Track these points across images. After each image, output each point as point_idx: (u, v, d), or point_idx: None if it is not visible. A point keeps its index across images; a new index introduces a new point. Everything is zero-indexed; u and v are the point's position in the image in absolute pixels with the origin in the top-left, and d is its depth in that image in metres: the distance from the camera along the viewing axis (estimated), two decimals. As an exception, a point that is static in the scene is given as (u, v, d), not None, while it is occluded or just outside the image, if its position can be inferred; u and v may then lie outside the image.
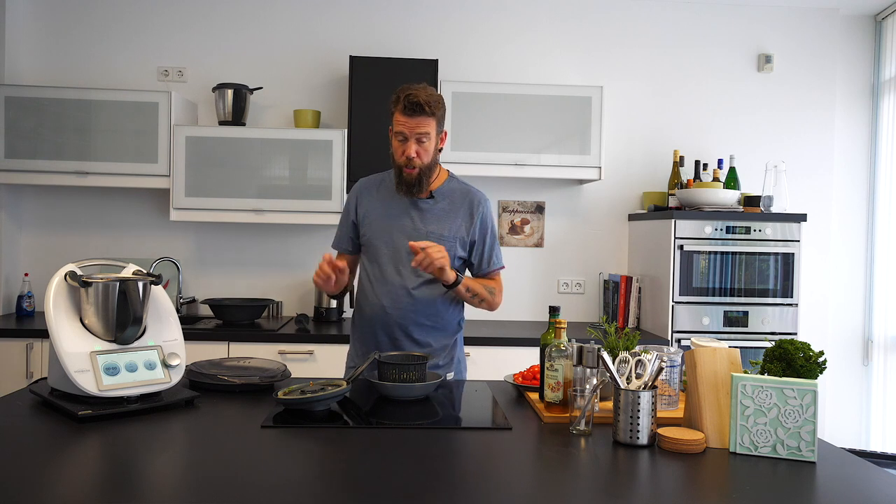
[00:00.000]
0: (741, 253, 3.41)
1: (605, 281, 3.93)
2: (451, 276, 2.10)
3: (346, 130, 3.50)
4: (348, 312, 3.86)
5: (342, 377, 2.17)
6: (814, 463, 1.46)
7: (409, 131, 2.10)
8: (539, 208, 3.95)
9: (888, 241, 3.90)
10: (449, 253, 2.11)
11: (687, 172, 3.84)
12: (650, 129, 3.96)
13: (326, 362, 3.25)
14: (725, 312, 3.41)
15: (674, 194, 3.68)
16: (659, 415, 1.69)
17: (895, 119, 3.87)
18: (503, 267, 2.33)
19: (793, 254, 3.43)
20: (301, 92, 3.86)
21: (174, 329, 1.86)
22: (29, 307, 3.61)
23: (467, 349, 3.28)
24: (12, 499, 1.17)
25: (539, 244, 3.96)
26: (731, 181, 3.68)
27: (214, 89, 3.63)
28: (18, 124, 3.41)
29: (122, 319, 1.73)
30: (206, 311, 3.78)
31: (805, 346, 1.57)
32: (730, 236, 3.42)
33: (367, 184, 2.32)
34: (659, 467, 1.43)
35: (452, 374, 2.31)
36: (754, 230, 3.42)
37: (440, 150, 2.20)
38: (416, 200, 2.21)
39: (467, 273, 2.32)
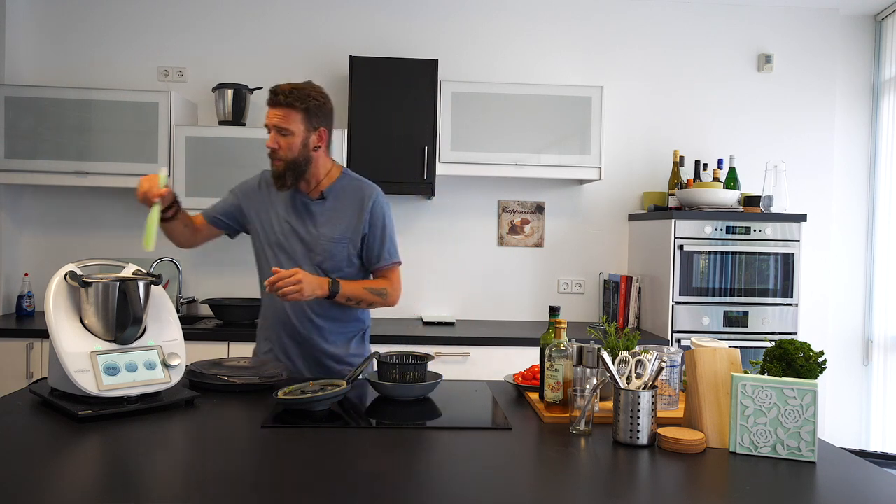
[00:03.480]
0: (741, 253, 3.41)
1: (605, 281, 3.92)
2: (323, 293, 2.07)
3: (346, 130, 3.50)
4: (348, 312, 3.85)
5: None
6: (814, 463, 1.46)
7: (269, 122, 2.10)
8: (539, 208, 3.95)
9: (888, 241, 3.89)
10: (340, 255, 2.15)
11: (687, 172, 3.84)
12: (650, 129, 3.96)
13: (326, 362, 3.25)
14: (725, 312, 3.41)
15: (674, 194, 3.68)
16: (659, 415, 1.69)
17: (895, 119, 3.88)
18: (399, 262, 2.27)
19: (793, 254, 3.43)
20: (301, 92, 3.85)
21: (174, 329, 1.86)
22: (29, 307, 3.61)
23: (467, 349, 3.30)
24: (12, 499, 1.17)
25: (539, 244, 3.96)
26: (731, 181, 3.68)
27: (214, 89, 3.63)
28: (18, 124, 3.41)
29: (122, 319, 1.72)
30: (206, 311, 3.78)
31: (805, 346, 1.57)
32: (730, 236, 3.42)
33: (269, 180, 2.24)
34: (659, 467, 1.43)
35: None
36: (754, 230, 3.42)
37: (317, 148, 2.15)
38: (307, 202, 2.19)
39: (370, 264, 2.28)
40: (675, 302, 3.41)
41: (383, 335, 3.28)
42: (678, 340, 3.38)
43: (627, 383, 1.58)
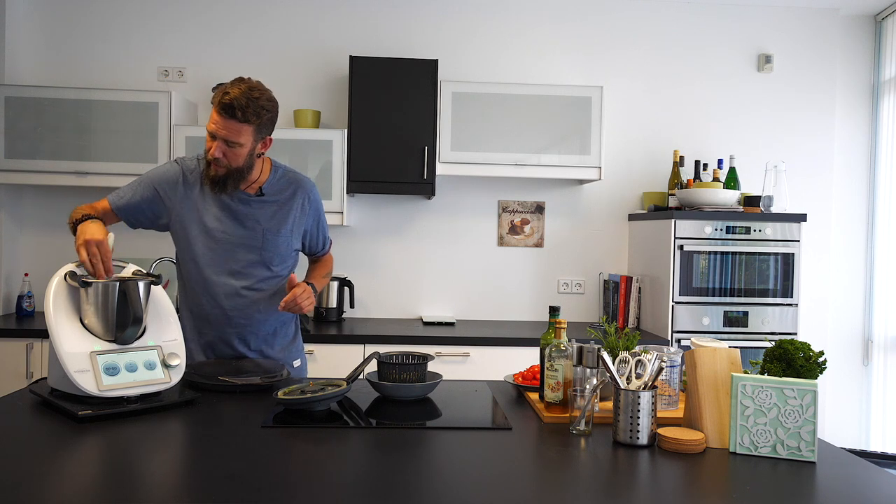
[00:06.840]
0: (741, 253, 3.41)
1: (605, 281, 3.93)
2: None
3: (346, 130, 3.50)
4: (349, 312, 3.86)
5: (340, 378, 2.17)
6: (814, 463, 1.46)
7: (217, 132, 1.97)
8: (539, 208, 3.95)
9: (888, 242, 3.90)
10: (285, 248, 2.17)
11: (687, 172, 3.84)
12: (650, 129, 3.96)
13: (326, 362, 3.25)
14: (725, 312, 3.41)
15: (674, 194, 3.68)
16: (659, 415, 1.69)
17: (895, 119, 3.88)
18: (331, 241, 2.41)
19: (793, 254, 3.43)
20: (301, 92, 3.86)
21: (174, 329, 1.86)
22: (29, 307, 3.61)
23: (467, 349, 3.30)
24: (12, 499, 1.17)
25: (539, 244, 3.96)
26: (731, 181, 3.68)
27: (214, 89, 3.62)
28: (18, 124, 3.41)
29: (122, 319, 1.73)
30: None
31: (805, 346, 1.57)
32: (730, 236, 3.42)
33: (192, 174, 2.12)
34: (659, 467, 1.43)
35: (299, 360, 2.35)
36: (754, 230, 3.42)
37: (261, 155, 2.10)
38: (246, 199, 2.12)
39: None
40: (675, 302, 3.41)
41: (383, 335, 3.28)
42: (678, 340, 3.38)
43: (627, 383, 1.58)
